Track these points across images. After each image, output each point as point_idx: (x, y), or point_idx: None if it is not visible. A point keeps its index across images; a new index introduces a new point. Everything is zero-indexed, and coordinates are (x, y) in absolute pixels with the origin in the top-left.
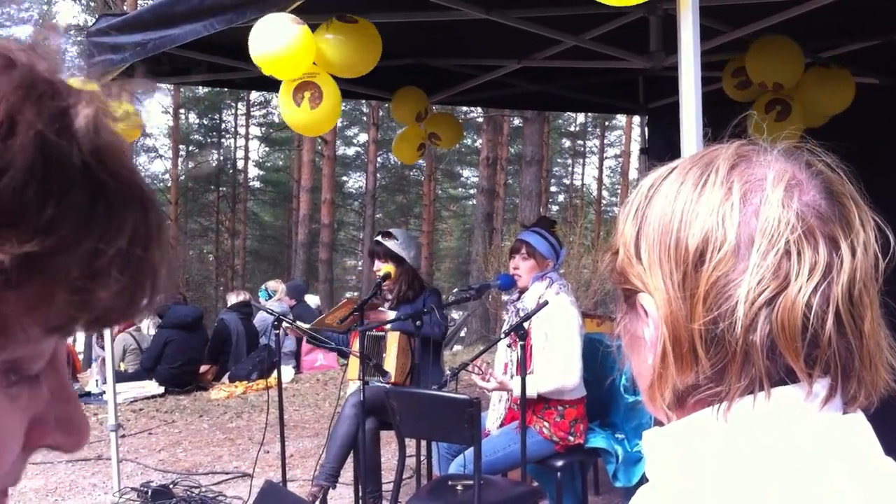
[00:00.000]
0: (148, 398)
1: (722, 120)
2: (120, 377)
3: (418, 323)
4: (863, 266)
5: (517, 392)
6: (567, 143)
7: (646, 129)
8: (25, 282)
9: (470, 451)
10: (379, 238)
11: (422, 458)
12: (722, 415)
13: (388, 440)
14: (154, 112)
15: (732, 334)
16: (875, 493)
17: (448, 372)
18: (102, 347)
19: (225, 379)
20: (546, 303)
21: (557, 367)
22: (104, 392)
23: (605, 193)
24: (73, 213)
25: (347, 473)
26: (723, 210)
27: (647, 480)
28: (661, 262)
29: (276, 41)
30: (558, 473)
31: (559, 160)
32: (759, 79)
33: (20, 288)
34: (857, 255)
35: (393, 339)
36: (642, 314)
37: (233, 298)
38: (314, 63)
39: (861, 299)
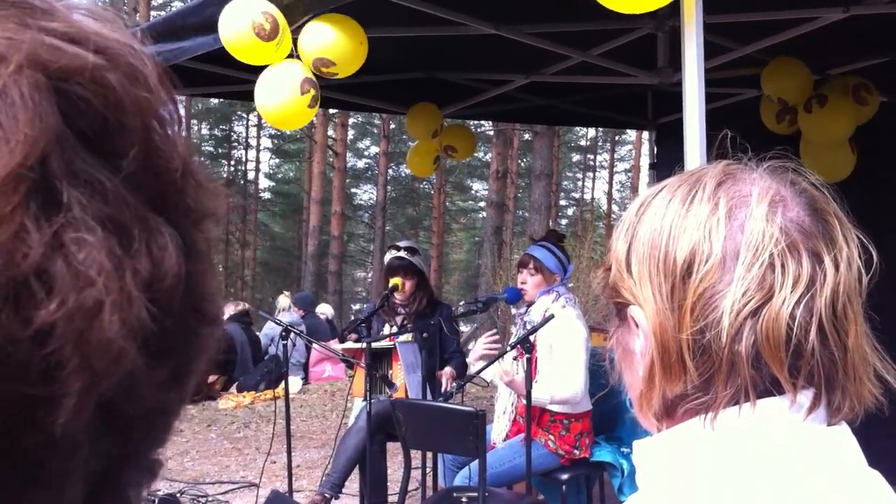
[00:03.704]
0: None
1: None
2: None
3: (425, 335)
4: (846, 280)
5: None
6: (577, 157)
7: (654, 144)
8: None
9: (475, 464)
10: (403, 254)
11: (427, 469)
12: (709, 424)
13: (394, 452)
14: None
15: (718, 344)
16: None
17: (454, 384)
18: None
19: (233, 389)
20: (552, 316)
21: (560, 379)
22: None
23: (614, 208)
24: None
25: (353, 484)
26: (709, 224)
27: None
28: (651, 275)
29: (244, 21)
30: (563, 487)
31: (569, 174)
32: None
33: None
34: (840, 269)
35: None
36: (633, 326)
37: (231, 309)
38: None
39: (845, 312)
